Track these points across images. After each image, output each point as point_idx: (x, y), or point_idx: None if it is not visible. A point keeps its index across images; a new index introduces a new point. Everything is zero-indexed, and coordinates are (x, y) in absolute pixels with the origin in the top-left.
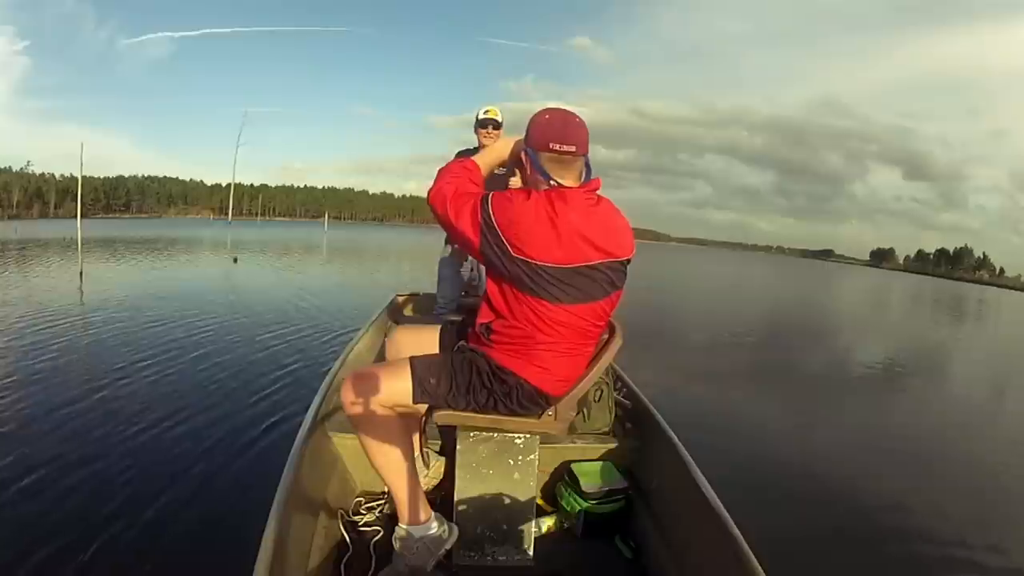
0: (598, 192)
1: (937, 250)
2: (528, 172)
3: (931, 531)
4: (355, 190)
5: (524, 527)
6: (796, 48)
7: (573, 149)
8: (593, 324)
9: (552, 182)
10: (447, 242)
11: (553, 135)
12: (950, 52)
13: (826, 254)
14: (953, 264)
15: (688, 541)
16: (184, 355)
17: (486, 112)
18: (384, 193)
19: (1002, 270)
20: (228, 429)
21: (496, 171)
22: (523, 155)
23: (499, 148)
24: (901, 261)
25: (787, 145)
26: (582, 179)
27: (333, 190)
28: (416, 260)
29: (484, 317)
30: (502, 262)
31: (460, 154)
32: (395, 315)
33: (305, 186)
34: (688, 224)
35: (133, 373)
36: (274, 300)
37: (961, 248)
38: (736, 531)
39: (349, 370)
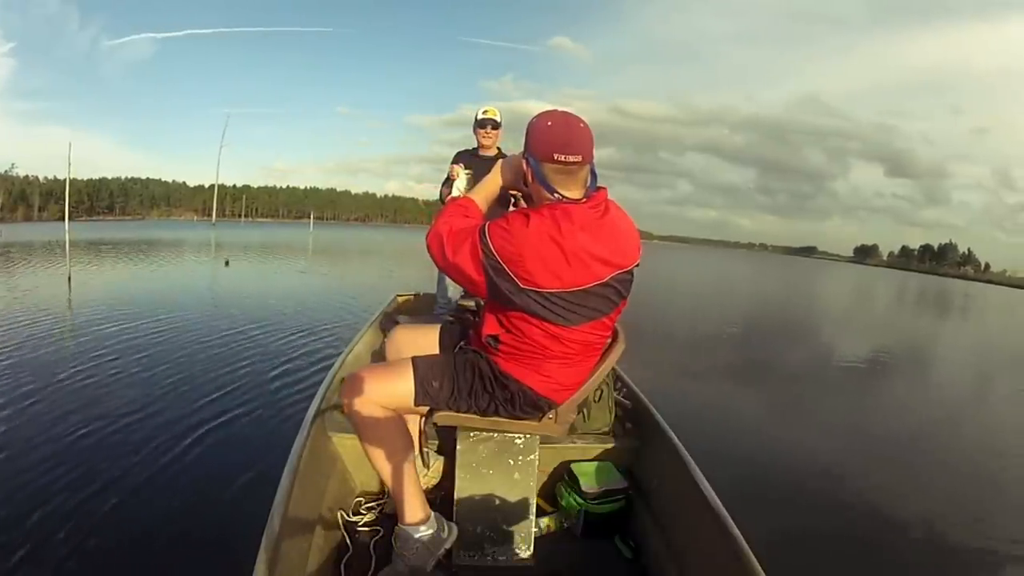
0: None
1: (921, 246)
2: (530, 182)
3: (930, 528)
4: (337, 190)
5: (524, 527)
6: (778, 48)
7: (579, 159)
8: (601, 337)
9: (556, 195)
10: None
11: (556, 144)
12: (933, 51)
13: (809, 251)
14: (938, 260)
15: (688, 541)
16: (183, 359)
17: (485, 112)
18: (366, 193)
19: (987, 265)
20: (228, 429)
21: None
22: (524, 164)
23: (492, 179)
24: (885, 257)
25: (768, 143)
26: (588, 186)
27: (316, 190)
28: (404, 259)
29: (491, 329)
30: (511, 295)
31: (459, 154)
32: (395, 315)
33: (288, 186)
34: (670, 222)
35: (131, 377)
36: (270, 302)
37: (946, 244)
38: (736, 531)
39: (349, 370)
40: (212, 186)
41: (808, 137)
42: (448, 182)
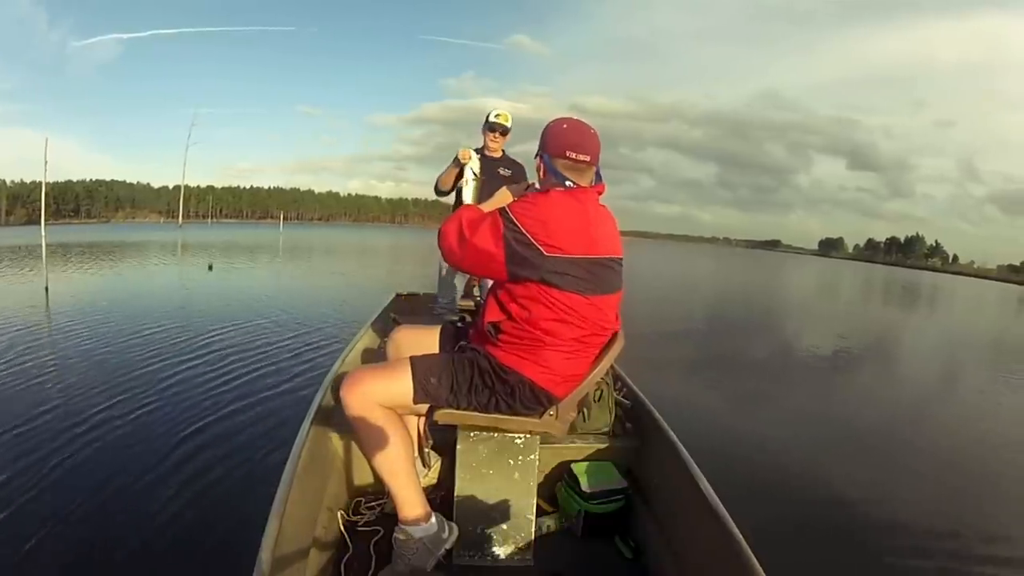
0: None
1: (888, 238)
2: (542, 176)
3: (930, 527)
4: (300, 190)
5: (524, 527)
6: (738, 44)
7: (588, 159)
8: (607, 318)
9: (568, 183)
10: None
11: (569, 144)
12: (895, 47)
13: (773, 244)
14: (904, 252)
15: (688, 540)
16: (181, 362)
17: (497, 116)
18: (330, 192)
19: (955, 257)
20: (228, 430)
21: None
22: (537, 160)
23: (502, 198)
24: (851, 250)
25: (729, 138)
26: (592, 185)
27: (280, 190)
28: (385, 256)
29: (492, 316)
30: (534, 264)
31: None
32: (395, 315)
33: (252, 187)
34: (633, 218)
35: (129, 380)
36: (264, 304)
37: (912, 236)
38: (736, 530)
39: (349, 370)
40: (176, 187)
41: (769, 132)
42: (456, 164)
